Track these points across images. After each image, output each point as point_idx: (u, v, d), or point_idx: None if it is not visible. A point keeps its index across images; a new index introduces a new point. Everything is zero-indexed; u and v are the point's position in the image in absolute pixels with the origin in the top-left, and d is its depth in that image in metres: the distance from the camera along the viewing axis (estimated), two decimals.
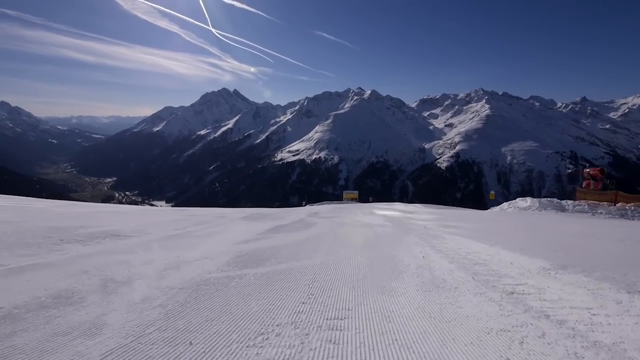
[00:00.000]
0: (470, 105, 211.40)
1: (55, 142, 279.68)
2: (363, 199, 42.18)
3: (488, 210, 17.97)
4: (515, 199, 16.97)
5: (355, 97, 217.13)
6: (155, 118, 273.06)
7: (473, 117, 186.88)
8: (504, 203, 16.81)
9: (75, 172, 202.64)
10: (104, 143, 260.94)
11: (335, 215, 11.78)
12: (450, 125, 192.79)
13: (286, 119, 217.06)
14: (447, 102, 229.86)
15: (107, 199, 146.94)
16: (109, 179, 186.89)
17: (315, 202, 32.63)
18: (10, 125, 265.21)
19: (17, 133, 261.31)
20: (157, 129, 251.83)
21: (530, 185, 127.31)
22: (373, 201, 36.46)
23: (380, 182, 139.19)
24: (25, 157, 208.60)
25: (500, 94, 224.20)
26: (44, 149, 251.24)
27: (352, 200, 39.55)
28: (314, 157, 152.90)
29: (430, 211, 14.63)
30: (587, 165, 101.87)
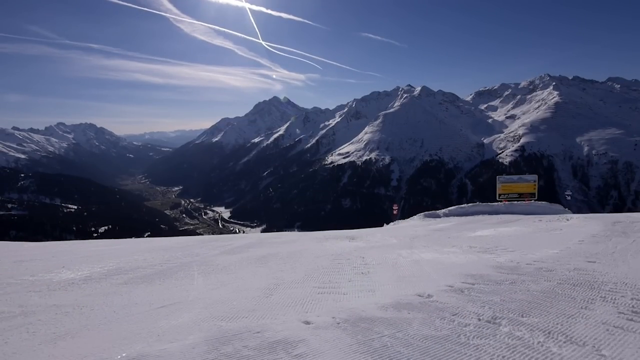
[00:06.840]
0: (534, 93, 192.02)
1: (132, 156, 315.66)
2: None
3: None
4: (595, 195, 14.76)
5: (405, 95, 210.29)
6: (214, 129, 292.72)
7: (539, 107, 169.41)
8: None
9: (148, 182, 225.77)
10: (171, 155, 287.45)
11: None
12: (512, 117, 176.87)
13: (335, 122, 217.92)
14: (506, 93, 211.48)
15: (174, 206, 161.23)
16: (176, 188, 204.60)
17: (402, 216, 18.57)
18: (97, 143, 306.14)
19: (102, 150, 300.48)
20: (216, 139, 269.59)
21: (615, 179, 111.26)
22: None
23: (435, 182, 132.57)
24: (109, 170, 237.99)
25: (570, 78, 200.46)
26: (123, 163, 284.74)
27: (520, 197, 17.61)
28: (364, 158, 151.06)
29: None
30: None
